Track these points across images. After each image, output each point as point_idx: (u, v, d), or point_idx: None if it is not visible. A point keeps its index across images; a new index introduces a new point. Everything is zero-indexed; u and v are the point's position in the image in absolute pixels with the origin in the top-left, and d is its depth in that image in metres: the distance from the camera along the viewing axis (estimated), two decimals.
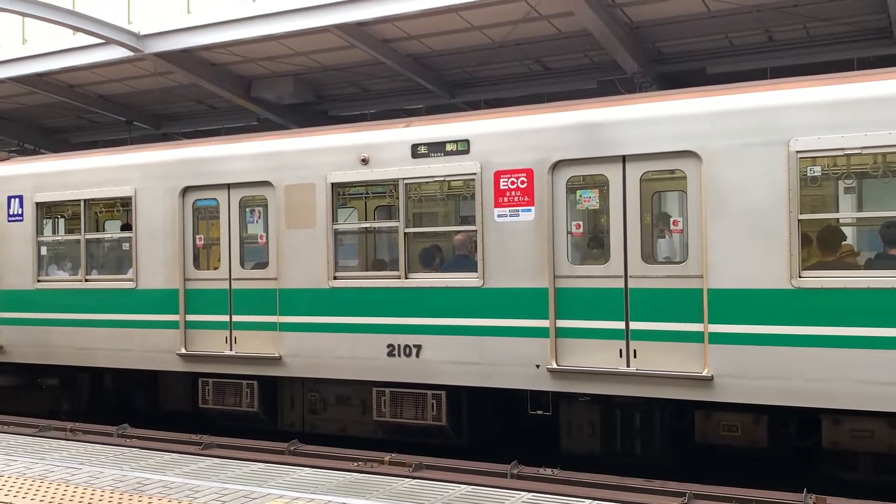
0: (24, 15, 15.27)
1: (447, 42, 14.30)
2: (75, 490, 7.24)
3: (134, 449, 9.44)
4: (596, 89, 14.72)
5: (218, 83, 16.49)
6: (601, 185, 8.91)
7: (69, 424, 11.69)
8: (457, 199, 10.63)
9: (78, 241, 12.21)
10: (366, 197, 12.57)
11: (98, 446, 9.56)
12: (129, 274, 11.78)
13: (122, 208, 13.22)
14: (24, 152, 19.94)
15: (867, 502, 7.60)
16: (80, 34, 15.38)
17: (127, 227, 13.35)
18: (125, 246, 12.09)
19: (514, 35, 13.57)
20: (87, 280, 12.09)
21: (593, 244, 9.40)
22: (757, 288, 8.06)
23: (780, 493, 7.83)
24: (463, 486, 7.45)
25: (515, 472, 8.84)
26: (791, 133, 7.92)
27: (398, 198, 9.88)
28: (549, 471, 8.82)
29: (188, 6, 15.67)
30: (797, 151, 7.90)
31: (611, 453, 9.11)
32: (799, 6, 12.12)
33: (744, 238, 8.10)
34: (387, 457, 9.49)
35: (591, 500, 6.92)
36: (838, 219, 8.77)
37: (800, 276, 7.89)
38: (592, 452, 9.21)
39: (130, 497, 6.97)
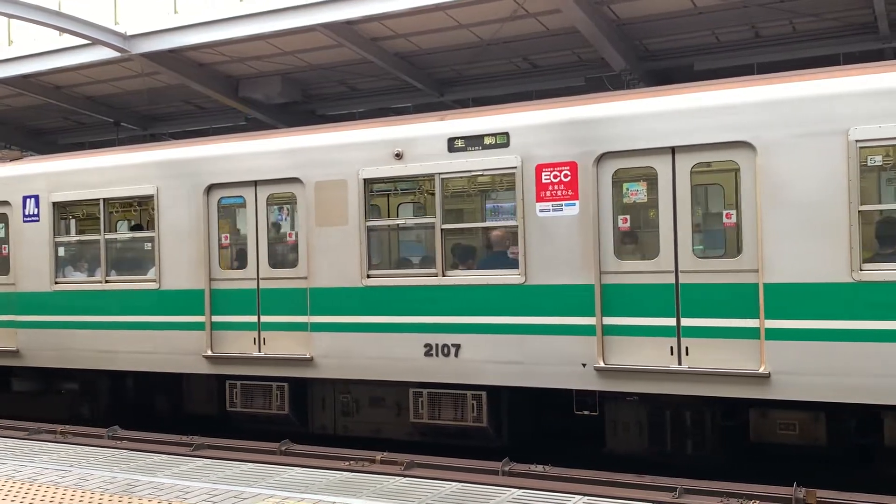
0: (9, 16, 15.04)
1: (435, 40, 14.24)
2: (65, 492, 7.17)
3: (124, 451, 9.39)
4: (584, 87, 14.68)
5: (205, 83, 16.36)
6: (649, 177, 8.65)
7: (59, 427, 11.48)
8: (488, 193, 10.35)
9: (97, 242, 11.89)
10: (390, 194, 12.32)
11: (88, 448, 9.46)
12: (152, 274, 11.47)
13: (138, 207, 12.99)
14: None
15: (856, 494, 7.50)
16: (66, 35, 15.19)
17: (137, 227, 13.12)
18: (147, 246, 11.77)
19: (501, 33, 13.56)
20: (107, 281, 11.78)
21: (641, 239, 9.14)
22: (816, 282, 7.82)
23: (770, 486, 7.74)
24: (454, 483, 7.44)
25: (507, 469, 8.74)
26: (850, 122, 7.68)
27: (434, 193, 9.61)
28: (540, 467, 8.69)
29: (175, 6, 15.45)
30: (857, 140, 7.66)
31: (660, 453, 8.87)
32: (785, 2, 12.10)
33: (801, 231, 7.85)
34: (378, 455, 9.38)
35: (581, 496, 6.92)
36: None
37: (860, 269, 7.65)
38: (639, 453, 8.97)
39: (120, 498, 6.95)
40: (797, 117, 7.89)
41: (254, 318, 10.72)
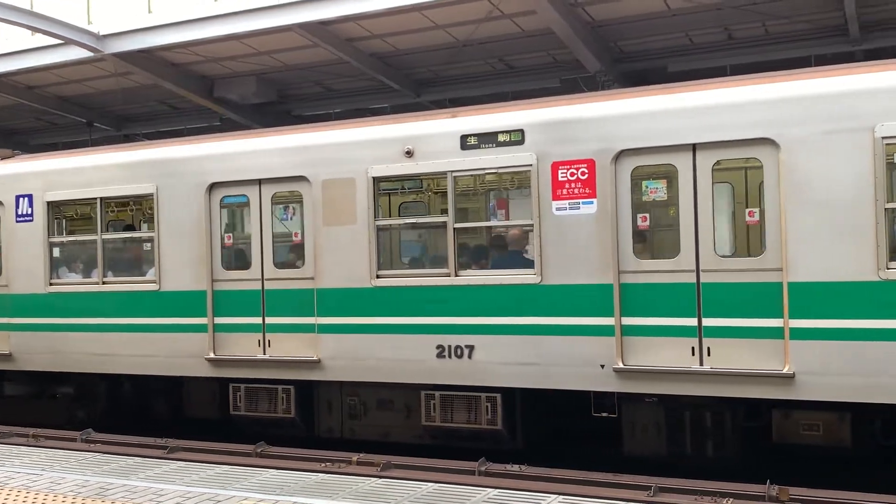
0: None
1: (411, 41, 14.20)
2: (36, 496, 7.16)
3: (98, 454, 9.29)
4: (559, 88, 14.72)
5: (180, 83, 16.20)
6: (669, 175, 8.52)
7: (31, 430, 11.26)
8: (501, 192, 10.19)
9: (94, 242, 11.59)
10: (391, 193, 12.15)
11: (61, 452, 9.35)
12: (151, 275, 11.19)
13: (135, 208, 12.71)
14: None
15: (828, 492, 7.50)
16: (38, 35, 14.96)
17: (129, 227, 12.84)
18: (146, 246, 11.48)
19: (477, 34, 13.55)
20: (104, 282, 11.48)
21: (660, 238, 9.01)
22: (841, 280, 7.71)
23: (745, 484, 7.72)
24: (430, 483, 7.46)
25: (483, 469, 8.68)
26: (876, 118, 7.58)
27: (447, 191, 9.42)
28: (517, 467, 8.64)
29: (149, 6, 15.31)
30: (883, 137, 7.56)
31: (680, 455, 8.73)
32: (758, 4, 12.20)
33: (826, 229, 7.75)
34: (355, 457, 9.27)
35: (557, 496, 6.93)
36: None
37: (887, 268, 7.55)
38: (658, 454, 8.83)
39: (93, 501, 6.89)
40: (822, 114, 7.78)
41: (258, 320, 10.48)
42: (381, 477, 8.27)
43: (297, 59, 15.25)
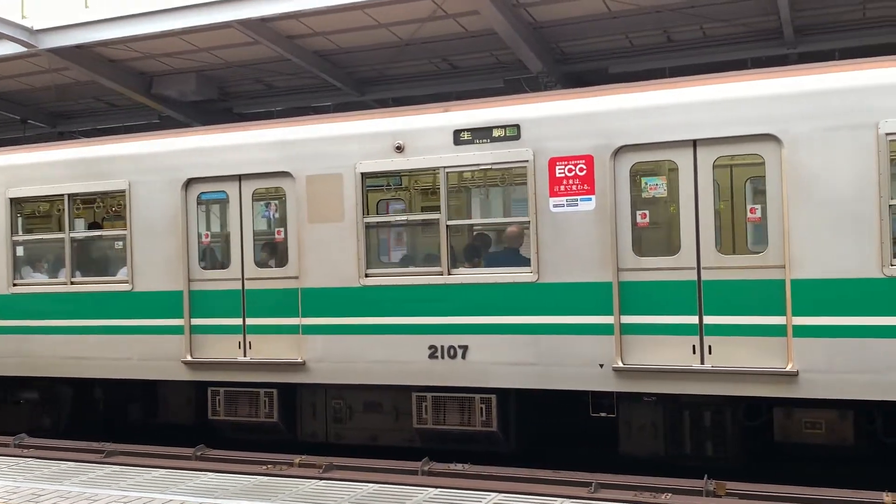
0: None
1: (354, 39, 14.08)
2: None
3: (31, 459, 9.07)
4: (503, 88, 14.71)
5: (117, 80, 15.71)
6: (669, 171, 8.40)
7: None
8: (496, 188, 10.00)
9: (61, 240, 11.08)
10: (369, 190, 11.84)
11: None
12: (123, 275, 10.73)
13: (102, 205, 12.20)
14: None
15: (762, 485, 7.60)
16: None
17: (95, 224, 12.32)
18: (118, 244, 11.02)
19: (420, 33, 13.51)
20: (72, 283, 10.98)
21: (660, 235, 8.89)
22: (845, 277, 7.68)
23: (682, 479, 7.82)
24: (371, 484, 7.52)
25: (426, 468, 8.63)
26: (880, 115, 7.56)
27: (439, 187, 9.19)
28: (459, 466, 8.62)
29: (85, 1, 14.70)
30: (887, 134, 7.54)
31: (678, 455, 8.63)
32: (696, 7, 12.37)
33: (830, 225, 7.70)
34: (297, 458, 9.15)
35: (497, 493, 7.01)
36: None
37: (891, 265, 7.53)
38: (656, 455, 8.72)
39: None
40: (826, 110, 7.74)
41: (238, 321, 10.11)
42: (322, 478, 8.19)
43: (237, 57, 14.99)
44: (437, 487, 7.44)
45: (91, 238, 11.59)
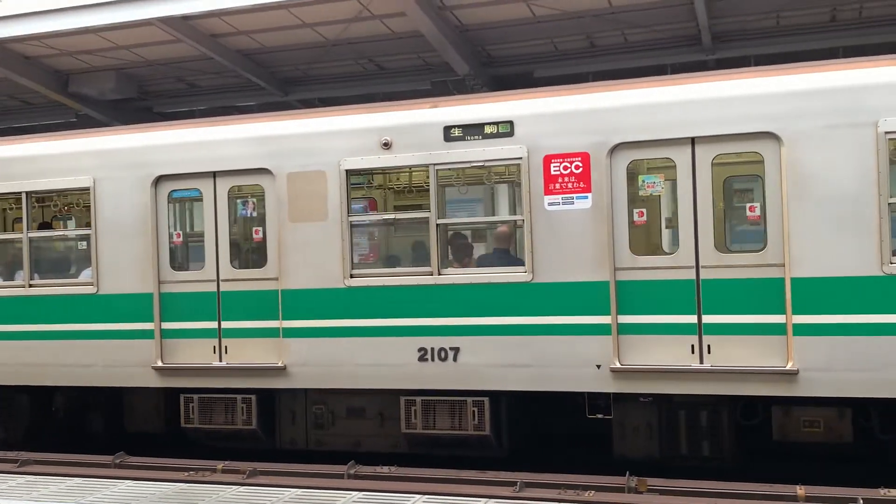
0: None
1: (278, 38, 13.87)
2: None
3: None
4: (430, 90, 14.71)
5: (32, 77, 15.03)
6: (667, 169, 8.32)
7: None
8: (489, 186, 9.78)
9: (18, 241, 10.47)
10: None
11: None
12: (88, 277, 10.19)
13: (59, 202, 11.58)
14: None
15: (683, 481, 7.72)
16: None
17: (46, 225, 11.71)
18: (81, 245, 10.46)
19: (347, 33, 13.42)
20: (31, 286, 10.38)
21: (658, 233, 8.81)
22: (845, 276, 7.69)
23: (604, 477, 7.91)
24: (295, 489, 7.48)
25: (352, 472, 8.54)
26: (879, 113, 7.59)
27: (429, 185, 8.94)
28: (386, 469, 8.57)
29: None
30: (886, 132, 7.57)
31: (675, 456, 8.56)
32: (617, 14, 12.59)
33: (829, 224, 7.70)
34: (220, 464, 8.98)
35: (421, 495, 7.03)
36: None
37: (891, 262, 7.57)
38: (652, 456, 8.63)
39: None
40: (825, 108, 7.74)
41: (213, 325, 9.69)
42: (245, 484, 8.09)
43: (158, 55, 14.56)
44: (361, 491, 7.45)
45: (52, 238, 10.99)
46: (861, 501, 7.13)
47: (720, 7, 12.36)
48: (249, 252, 9.89)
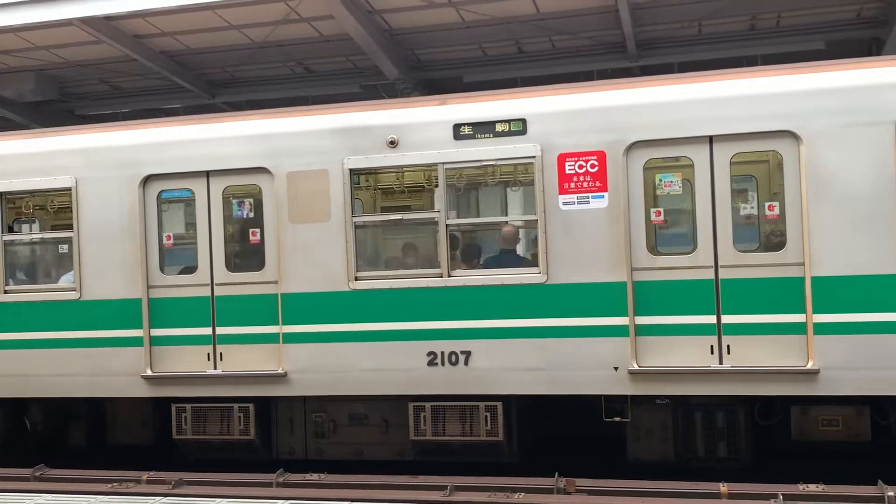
0: None
1: (204, 40, 13.77)
2: None
3: None
4: (360, 94, 14.82)
5: None
6: (685, 167, 8.22)
7: None
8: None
9: None
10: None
11: None
12: (70, 282, 9.67)
13: (32, 204, 10.99)
14: None
15: (611, 481, 7.84)
16: None
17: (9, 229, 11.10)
18: (62, 248, 9.92)
19: (274, 36, 13.39)
20: (6, 292, 9.81)
21: (676, 233, 8.69)
22: (866, 274, 7.69)
23: (534, 478, 7.96)
24: (221, 499, 7.44)
25: (281, 480, 8.43)
26: None
27: (438, 184, 8.69)
28: (315, 476, 8.45)
29: None
30: None
31: (690, 458, 8.47)
32: (544, 20, 12.82)
33: (849, 222, 7.70)
34: (144, 475, 8.71)
35: (350, 502, 7.16)
36: None
37: None
38: (666, 458, 8.52)
39: None
40: (844, 106, 7.74)
41: (207, 331, 9.28)
42: (170, 495, 7.97)
43: (80, 56, 14.25)
44: (289, 499, 7.43)
45: (30, 241, 10.42)
46: (781, 497, 7.22)
47: (644, 15, 12.58)
48: (245, 255, 9.48)
